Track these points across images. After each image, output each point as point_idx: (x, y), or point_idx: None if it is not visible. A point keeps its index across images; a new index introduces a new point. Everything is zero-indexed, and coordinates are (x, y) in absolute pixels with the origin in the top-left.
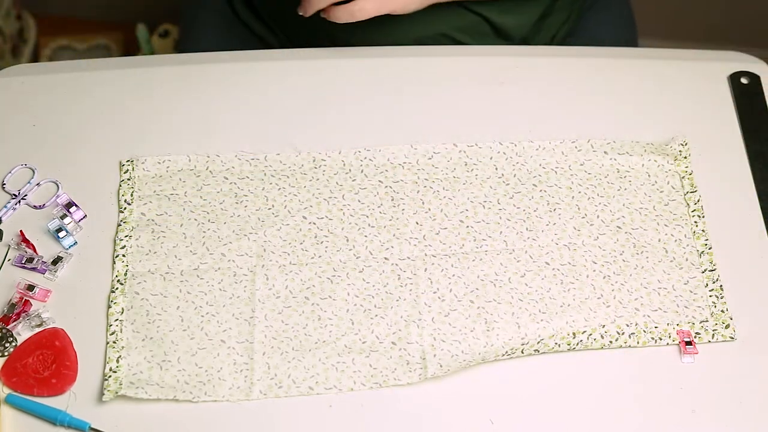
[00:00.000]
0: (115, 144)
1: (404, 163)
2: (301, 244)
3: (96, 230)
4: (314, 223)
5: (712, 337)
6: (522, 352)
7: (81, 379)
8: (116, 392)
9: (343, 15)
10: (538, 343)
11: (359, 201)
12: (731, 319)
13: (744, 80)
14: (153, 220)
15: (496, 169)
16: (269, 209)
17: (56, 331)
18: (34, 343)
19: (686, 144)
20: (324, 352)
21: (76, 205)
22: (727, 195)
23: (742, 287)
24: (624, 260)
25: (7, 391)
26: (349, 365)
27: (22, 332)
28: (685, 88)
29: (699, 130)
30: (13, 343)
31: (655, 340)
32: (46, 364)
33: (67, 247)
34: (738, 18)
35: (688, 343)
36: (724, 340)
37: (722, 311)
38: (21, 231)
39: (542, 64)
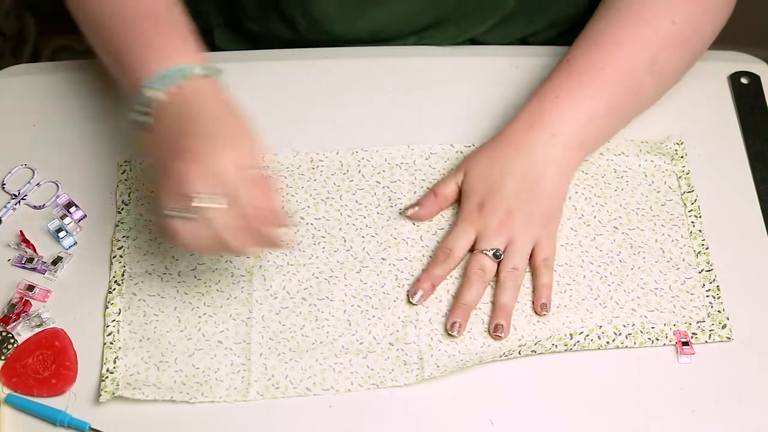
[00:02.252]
0: (115, 144)
1: (401, 163)
2: (299, 244)
3: (96, 230)
4: (311, 224)
5: (709, 338)
6: (519, 353)
7: (81, 380)
8: (113, 393)
9: None
10: (535, 344)
11: (357, 201)
12: (728, 319)
13: (744, 80)
14: (151, 221)
15: None
16: None
17: (56, 332)
18: (33, 343)
19: (682, 143)
20: (321, 352)
21: (76, 205)
22: (726, 195)
23: (742, 287)
24: (621, 261)
25: (7, 391)
26: (346, 366)
27: (22, 332)
28: (685, 88)
29: (699, 130)
30: (14, 344)
31: (652, 341)
32: (46, 364)
33: (67, 247)
34: (738, 18)
35: (685, 344)
36: (721, 341)
37: (719, 311)
38: (21, 231)
39: (542, 64)
